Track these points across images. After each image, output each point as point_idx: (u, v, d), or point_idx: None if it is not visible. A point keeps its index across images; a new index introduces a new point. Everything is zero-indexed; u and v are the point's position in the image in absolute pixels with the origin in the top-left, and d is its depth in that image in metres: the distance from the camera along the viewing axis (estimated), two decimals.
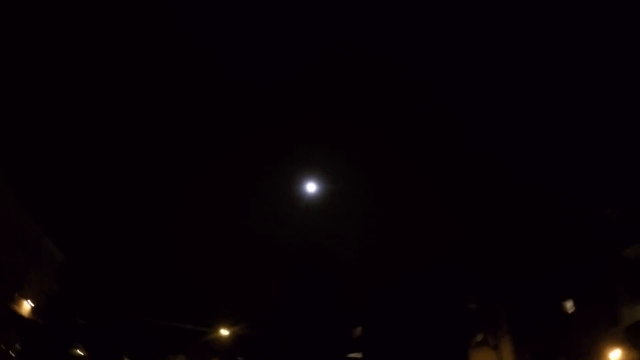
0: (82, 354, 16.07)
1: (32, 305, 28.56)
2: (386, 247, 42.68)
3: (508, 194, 34.32)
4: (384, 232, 46.16)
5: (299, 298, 41.46)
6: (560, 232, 29.89)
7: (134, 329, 37.85)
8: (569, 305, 30.14)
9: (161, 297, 42.87)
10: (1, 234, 25.30)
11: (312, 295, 40.78)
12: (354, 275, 41.66)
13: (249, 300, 46.16)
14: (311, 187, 32.80)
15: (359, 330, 40.39)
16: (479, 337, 31.26)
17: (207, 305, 46.32)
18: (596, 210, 27.95)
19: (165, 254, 45.67)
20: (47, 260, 31.76)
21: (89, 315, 34.01)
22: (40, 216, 30.14)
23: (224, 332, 45.18)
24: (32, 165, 31.36)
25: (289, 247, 45.10)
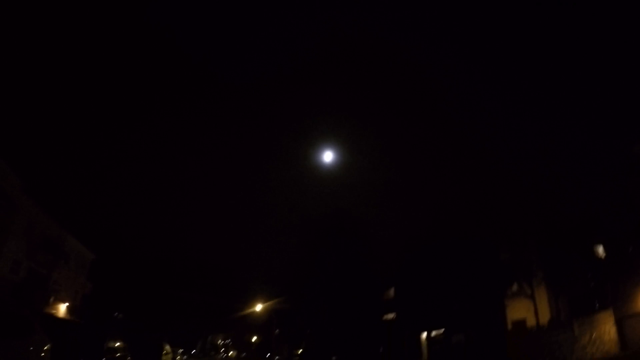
0: (120, 345, 16.32)
1: (68, 304, 29.36)
2: (409, 209, 42.27)
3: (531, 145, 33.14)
4: (404, 196, 45.68)
5: (328, 265, 41.48)
6: (588, 175, 28.86)
7: (171, 315, 38.79)
8: (601, 250, 29.51)
9: (193, 281, 43.76)
10: (29, 243, 25.84)
11: (341, 260, 40.68)
12: (382, 238, 41.40)
13: (280, 273, 46.60)
14: (328, 156, 32.39)
15: (391, 291, 40.43)
16: (515, 288, 30.85)
17: (239, 283, 47.24)
18: (625, 148, 26.77)
19: (190, 239, 46.34)
20: (77, 260, 32.50)
21: (127, 309, 34.90)
22: (64, 219, 30.65)
23: (259, 307, 46.09)
24: (47, 169, 31.68)
25: (313, 216, 45.00)
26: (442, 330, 34.22)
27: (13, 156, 27.77)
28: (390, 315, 39.43)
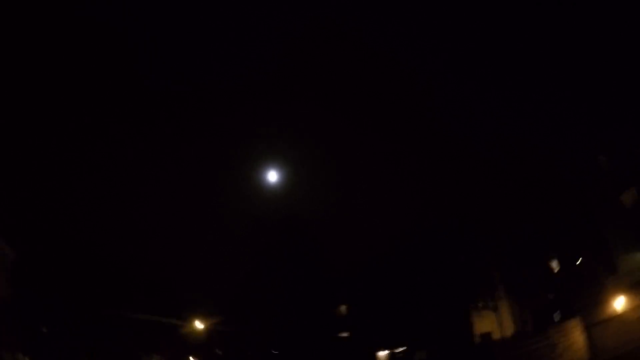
0: None
1: None
2: (363, 220, 41.24)
3: (494, 147, 33.64)
4: (357, 207, 44.68)
5: (277, 276, 39.09)
6: (550, 184, 29.64)
7: (101, 330, 34.28)
8: (555, 264, 30.25)
9: (126, 292, 39.24)
10: None
11: (292, 270, 38.52)
12: (334, 250, 39.77)
13: (221, 288, 43.30)
14: (272, 176, 31.08)
15: (344, 308, 38.72)
16: (480, 304, 30.62)
17: (178, 298, 43.15)
18: (588, 158, 27.80)
19: (125, 245, 41.86)
20: None
21: (51, 320, 30.23)
22: None
23: (199, 325, 42.28)
24: None
25: (260, 225, 42.57)
26: (403, 348, 33.04)
27: None
28: (344, 334, 37.59)
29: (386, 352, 33.51)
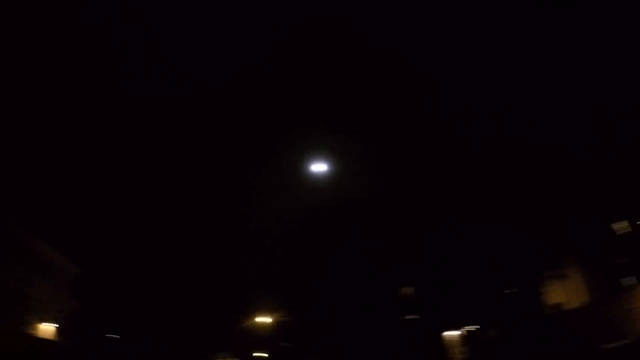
0: None
1: (56, 326, 25.46)
2: (417, 202, 39.21)
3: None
4: (409, 191, 42.56)
5: (337, 265, 38.16)
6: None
7: (170, 335, 34.86)
8: (624, 225, 27.54)
9: (188, 296, 39.81)
10: (9, 258, 22.10)
11: (351, 258, 37.45)
12: (394, 233, 38.23)
13: (282, 281, 42.94)
14: (319, 167, 30.04)
15: (409, 290, 37.28)
16: (548, 274, 28.41)
17: (238, 294, 43.22)
18: None
19: (185, 251, 42.42)
20: (61, 276, 28.60)
21: (119, 329, 30.95)
22: (46, 231, 26.94)
23: (263, 320, 42.38)
24: (30, 180, 28.03)
25: (314, 222, 41.69)
26: (472, 327, 31.26)
27: None
28: (411, 316, 36.19)
29: (455, 332, 31.79)
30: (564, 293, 26.38)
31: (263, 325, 42.58)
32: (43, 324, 24.76)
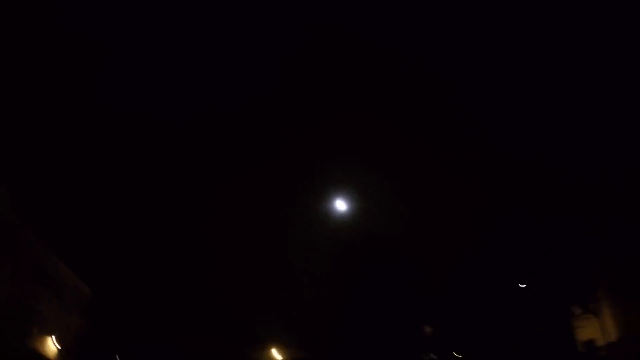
0: None
1: (59, 347, 24.64)
2: (438, 236, 37.84)
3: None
4: (428, 225, 41.27)
5: (365, 298, 36.64)
6: None
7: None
8: None
9: (201, 327, 38.64)
10: (20, 272, 21.68)
11: (381, 291, 35.93)
12: (412, 271, 36.81)
13: (302, 319, 41.32)
14: (341, 205, 29.66)
15: (429, 328, 35.39)
16: (578, 310, 26.50)
17: (252, 329, 41.80)
18: None
19: (200, 277, 41.52)
20: (72, 295, 28.05)
21: (127, 353, 29.93)
22: (60, 249, 26.63)
23: (277, 355, 40.73)
24: (45, 190, 28.02)
25: (336, 259, 40.54)
26: None
27: (5, 172, 24.20)
28: (433, 356, 34.18)
29: None
30: (598, 329, 24.45)
31: None
32: (49, 342, 24.04)
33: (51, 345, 24.09)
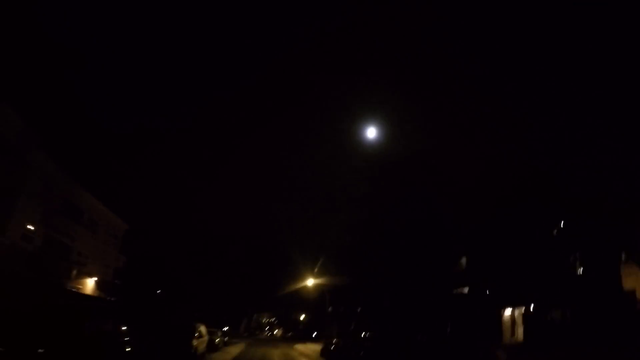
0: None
1: (96, 279, 25.53)
2: (474, 168, 36.27)
3: None
4: (459, 163, 39.70)
5: (400, 221, 36.33)
6: None
7: (214, 294, 34.79)
8: None
9: (236, 256, 39.59)
10: (45, 207, 21.81)
11: (417, 216, 35.43)
12: (451, 195, 35.81)
13: (334, 245, 41.77)
14: (372, 133, 28.27)
15: (463, 261, 34.91)
16: (622, 256, 24.98)
17: (287, 257, 42.63)
18: None
19: (232, 212, 42.10)
20: (108, 231, 28.71)
21: (165, 286, 30.98)
22: (91, 183, 26.67)
23: (310, 282, 41.71)
24: (75, 136, 27.80)
25: (371, 183, 40.05)
26: (532, 305, 28.56)
27: (29, 107, 23.71)
28: (464, 289, 33.95)
29: (512, 310, 29.27)
30: (637, 280, 23.12)
31: (308, 289, 42.01)
32: (87, 278, 24.89)
33: (89, 281, 24.97)
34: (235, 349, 25.57)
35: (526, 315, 27.96)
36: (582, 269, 25.03)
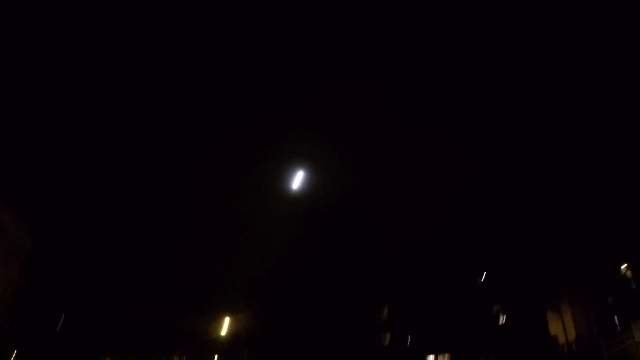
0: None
1: None
2: (405, 214, 37.63)
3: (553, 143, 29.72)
4: (395, 201, 41.11)
5: (329, 265, 35.88)
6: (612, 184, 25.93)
7: (120, 324, 31.74)
8: (624, 268, 26.81)
9: (149, 292, 36.61)
10: None
11: (347, 260, 35.23)
12: (375, 246, 36.46)
13: (252, 283, 40.26)
14: (299, 177, 28.86)
15: (385, 309, 35.35)
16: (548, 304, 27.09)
17: (201, 294, 40.37)
18: None
19: (152, 242, 39.25)
20: (12, 247, 25.25)
21: (68, 311, 27.68)
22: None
23: (224, 322, 39.61)
24: None
25: (294, 229, 39.45)
26: (451, 354, 29.47)
27: None
28: (385, 337, 34.21)
29: (434, 358, 29.95)
30: (558, 327, 25.05)
31: (222, 329, 39.84)
32: None
33: None
34: None
35: None
36: (504, 317, 26.49)
